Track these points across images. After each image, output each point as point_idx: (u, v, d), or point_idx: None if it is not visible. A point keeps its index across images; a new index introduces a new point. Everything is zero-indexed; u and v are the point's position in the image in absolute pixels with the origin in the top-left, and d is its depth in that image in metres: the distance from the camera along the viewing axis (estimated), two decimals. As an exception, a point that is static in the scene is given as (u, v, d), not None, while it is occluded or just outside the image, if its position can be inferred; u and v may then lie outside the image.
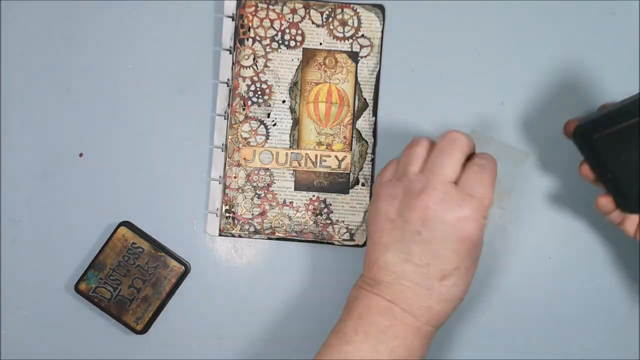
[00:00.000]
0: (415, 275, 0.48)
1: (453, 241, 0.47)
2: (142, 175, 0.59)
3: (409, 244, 0.48)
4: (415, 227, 0.47)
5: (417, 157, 0.49)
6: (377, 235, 0.49)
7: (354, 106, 0.58)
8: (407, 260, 0.48)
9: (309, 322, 0.59)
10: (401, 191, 0.49)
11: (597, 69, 0.58)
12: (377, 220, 0.49)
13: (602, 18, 0.58)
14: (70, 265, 0.58)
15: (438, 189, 0.47)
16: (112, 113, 0.59)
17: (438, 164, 0.48)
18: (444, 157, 0.48)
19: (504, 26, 0.58)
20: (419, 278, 0.48)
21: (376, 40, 0.58)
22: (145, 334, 0.58)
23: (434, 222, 0.47)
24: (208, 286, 0.59)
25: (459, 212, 0.47)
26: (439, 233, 0.47)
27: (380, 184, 0.51)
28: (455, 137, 0.49)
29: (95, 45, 0.59)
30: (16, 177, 0.59)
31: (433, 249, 0.47)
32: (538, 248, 0.58)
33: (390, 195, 0.49)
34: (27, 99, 0.59)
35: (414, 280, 0.48)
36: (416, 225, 0.47)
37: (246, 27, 0.58)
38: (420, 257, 0.48)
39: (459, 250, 0.47)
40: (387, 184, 0.50)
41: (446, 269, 0.47)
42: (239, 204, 0.58)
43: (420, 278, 0.48)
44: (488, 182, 0.48)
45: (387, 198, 0.49)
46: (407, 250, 0.48)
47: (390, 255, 0.48)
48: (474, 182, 0.48)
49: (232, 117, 0.58)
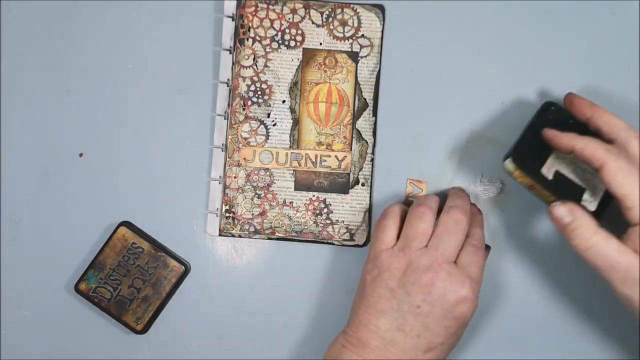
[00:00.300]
0: (404, 344, 0.50)
1: (448, 318, 0.50)
2: (142, 175, 0.59)
3: (405, 314, 0.50)
4: (416, 300, 0.50)
5: (422, 233, 0.52)
6: (373, 299, 0.51)
7: (354, 106, 0.58)
8: (399, 329, 0.50)
9: (309, 322, 0.59)
10: (405, 263, 0.51)
11: (597, 69, 0.58)
12: (376, 286, 0.52)
13: (602, 18, 0.58)
14: (70, 265, 0.58)
15: (443, 268, 0.50)
16: (112, 113, 0.59)
17: (444, 243, 0.51)
18: (448, 238, 0.51)
19: (504, 26, 0.58)
20: (406, 347, 0.50)
21: (376, 40, 0.58)
22: (145, 334, 0.58)
23: (436, 300, 0.50)
24: (208, 286, 0.59)
25: (460, 292, 0.50)
26: (438, 310, 0.50)
27: (381, 251, 0.53)
28: (459, 220, 0.52)
29: (95, 45, 0.59)
30: (16, 177, 0.59)
31: (427, 322, 0.50)
32: (538, 248, 0.58)
33: (393, 266, 0.51)
34: (27, 99, 0.59)
35: (401, 348, 0.50)
36: (417, 300, 0.50)
37: (246, 27, 0.58)
38: (413, 328, 0.50)
39: (450, 327, 0.50)
40: (389, 253, 0.52)
41: (433, 342, 0.50)
42: (239, 204, 0.58)
43: (408, 347, 0.50)
44: (481, 264, 0.52)
45: (389, 267, 0.52)
46: (402, 319, 0.50)
47: (384, 321, 0.51)
48: (470, 263, 0.52)
49: (232, 117, 0.58)
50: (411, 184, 0.58)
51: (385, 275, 0.51)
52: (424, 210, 0.53)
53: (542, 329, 0.58)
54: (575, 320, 0.58)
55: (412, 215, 0.53)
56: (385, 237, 0.53)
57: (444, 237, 0.51)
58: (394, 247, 0.52)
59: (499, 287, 0.58)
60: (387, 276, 0.51)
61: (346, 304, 0.57)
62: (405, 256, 0.51)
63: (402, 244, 0.52)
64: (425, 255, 0.51)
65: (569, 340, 0.58)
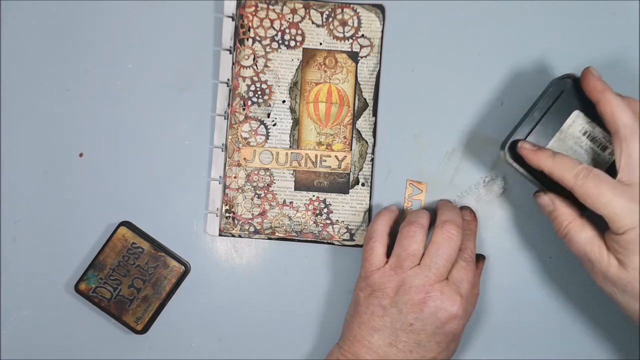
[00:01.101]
0: (396, 358, 0.51)
1: (440, 335, 0.51)
2: (142, 175, 0.59)
3: (397, 331, 0.51)
4: (408, 319, 0.51)
5: (413, 254, 0.52)
6: (367, 317, 0.52)
7: (354, 106, 0.58)
8: (392, 345, 0.51)
9: (309, 322, 0.59)
10: (397, 283, 0.52)
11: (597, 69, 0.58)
12: (370, 304, 0.53)
13: (602, 18, 0.58)
14: (70, 265, 0.59)
15: (435, 287, 0.51)
16: (112, 113, 0.59)
17: (437, 263, 0.52)
18: (441, 255, 0.52)
19: (503, 26, 0.58)
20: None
21: (376, 40, 0.58)
22: (145, 334, 0.58)
23: (427, 318, 0.51)
24: (208, 286, 0.59)
25: (451, 310, 0.51)
26: (430, 327, 0.51)
27: (372, 272, 0.53)
28: (451, 235, 0.52)
29: (95, 45, 0.59)
30: (16, 177, 0.59)
31: (420, 339, 0.51)
32: (538, 248, 0.58)
33: (386, 285, 0.52)
34: (27, 99, 0.59)
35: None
36: (409, 318, 0.51)
37: (246, 27, 0.58)
38: (405, 344, 0.51)
39: (441, 342, 0.52)
40: (381, 272, 0.53)
41: (425, 357, 0.52)
42: (239, 204, 0.58)
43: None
44: (471, 279, 0.53)
45: (380, 286, 0.52)
46: (395, 336, 0.51)
47: (377, 337, 0.52)
48: (461, 279, 0.53)
49: (232, 117, 0.58)
50: (411, 185, 0.58)
51: (378, 294, 0.52)
52: (415, 230, 0.53)
53: (542, 329, 0.58)
54: (575, 320, 0.58)
55: (403, 235, 0.53)
56: (374, 259, 0.54)
57: (436, 255, 0.52)
58: (385, 266, 0.53)
59: (499, 287, 0.58)
60: (379, 295, 0.52)
61: (346, 304, 0.57)
62: (398, 276, 0.52)
63: (394, 263, 0.53)
64: (418, 274, 0.52)
65: (569, 340, 0.58)
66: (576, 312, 0.58)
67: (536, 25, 0.58)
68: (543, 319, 0.58)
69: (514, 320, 0.58)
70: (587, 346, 0.58)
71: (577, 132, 0.52)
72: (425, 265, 0.52)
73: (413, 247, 0.52)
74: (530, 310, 0.58)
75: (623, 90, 0.57)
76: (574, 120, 0.52)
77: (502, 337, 0.58)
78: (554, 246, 0.58)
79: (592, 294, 0.58)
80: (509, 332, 0.58)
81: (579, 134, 0.52)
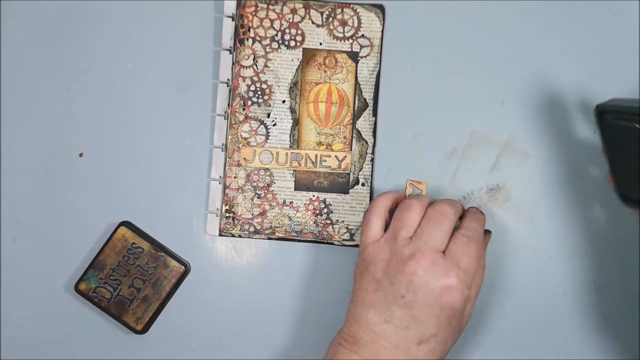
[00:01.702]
0: (394, 337, 0.50)
1: (435, 308, 0.49)
2: (142, 175, 0.59)
3: (391, 305, 0.50)
4: (400, 290, 0.50)
5: (409, 223, 0.52)
6: (361, 293, 0.52)
7: (354, 106, 0.58)
8: (387, 322, 0.50)
9: (309, 322, 0.59)
10: (389, 254, 0.51)
11: (597, 69, 0.58)
12: (363, 278, 0.52)
13: (602, 18, 0.58)
14: (70, 265, 0.59)
15: (427, 256, 0.50)
16: (112, 113, 0.59)
17: (428, 233, 0.51)
18: (433, 228, 0.51)
19: (503, 26, 0.58)
20: (397, 340, 0.50)
21: (376, 40, 0.58)
22: (145, 334, 0.58)
23: (419, 288, 0.49)
24: (208, 286, 0.59)
25: (445, 280, 0.50)
26: (423, 299, 0.49)
27: (367, 244, 0.53)
28: (444, 210, 0.52)
29: (95, 45, 0.59)
30: (16, 177, 0.59)
31: (414, 313, 0.50)
32: (538, 248, 0.58)
33: (378, 257, 0.52)
34: (27, 99, 0.59)
35: (393, 341, 0.50)
36: (401, 289, 0.50)
37: (246, 27, 0.58)
38: (401, 319, 0.50)
39: (439, 317, 0.50)
40: (376, 245, 0.52)
41: (425, 334, 0.50)
42: (239, 204, 0.58)
43: (399, 340, 0.50)
44: (474, 254, 0.51)
45: (374, 259, 0.52)
46: (389, 311, 0.50)
47: (372, 314, 0.50)
48: (460, 253, 0.51)
49: (232, 117, 0.58)
50: (411, 185, 0.58)
51: (371, 268, 0.52)
52: (412, 202, 0.53)
53: (542, 329, 0.58)
54: (575, 320, 0.58)
55: (400, 208, 0.53)
56: (370, 231, 0.53)
57: (428, 226, 0.51)
58: (380, 239, 0.53)
59: (499, 287, 0.58)
60: (372, 268, 0.51)
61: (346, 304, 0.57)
62: (390, 247, 0.51)
63: (389, 235, 0.52)
64: (409, 245, 0.51)
65: (569, 340, 0.58)
66: (576, 312, 0.58)
67: (536, 25, 0.58)
68: (543, 319, 0.58)
69: (514, 320, 0.58)
70: (587, 346, 0.58)
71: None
72: (417, 236, 0.51)
73: (409, 217, 0.52)
74: (531, 310, 0.58)
75: (623, 91, 0.57)
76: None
77: (502, 337, 0.58)
78: (554, 246, 0.58)
79: (592, 294, 0.58)
80: (509, 332, 0.58)
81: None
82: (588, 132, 0.57)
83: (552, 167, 0.58)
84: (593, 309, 0.58)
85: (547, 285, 0.58)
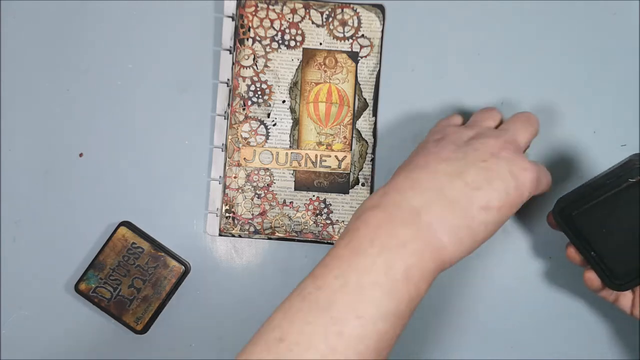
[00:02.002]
0: (460, 193, 0.44)
1: (510, 180, 0.45)
2: (142, 175, 0.59)
3: (469, 164, 0.46)
4: (483, 156, 0.46)
5: (492, 117, 0.52)
6: (436, 149, 0.47)
7: (354, 106, 0.58)
8: (459, 176, 0.45)
9: (309, 322, 0.59)
10: (474, 134, 0.49)
11: (597, 69, 0.58)
12: (440, 145, 0.48)
13: (602, 18, 0.58)
14: (70, 265, 0.59)
15: (510, 147, 0.47)
16: (112, 113, 0.59)
17: (514, 129, 0.50)
18: (520, 126, 0.50)
19: (503, 26, 0.58)
20: (462, 197, 0.44)
21: (376, 40, 0.58)
22: (145, 334, 0.58)
23: (500, 161, 0.46)
24: (208, 286, 0.59)
25: (524, 165, 0.46)
26: (503, 169, 0.46)
27: (448, 126, 0.51)
28: (531, 118, 0.51)
29: (95, 45, 0.59)
30: (16, 177, 0.59)
31: (491, 176, 0.45)
32: (538, 248, 0.58)
33: (461, 132, 0.49)
34: (27, 99, 0.59)
35: (456, 197, 0.44)
36: (484, 155, 0.46)
37: (246, 27, 0.58)
38: (474, 178, 0.45)
39: (510, 193, 0.45)
40: (457, 128, 0.50)
41: (491, 202, 0.45)
42: (239, 204, 0.58)
43: (464, 198, 0.44)
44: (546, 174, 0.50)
45: (457, 132, 0.49)
46: (465, 168, 0.45)
47: (445, 165, 0.46)
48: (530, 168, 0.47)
49: (232, 117, 0.58)
50: (411, 184, 0.58)
51: (452, 138, 0.48)
52: (493, 110, 0.53)
53: (542, 329, 0.58)
54: (575, 320, 0.58)
55: (480, 112, 0.53)
56: (452, 120, 0.53)
57: (515, 124, 0.50)
58: (461, 126, 0.51)
59: (499, 287, 0.58)
60: (454, 138, 0.48)
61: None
62: (474, 129, 0.49)
63: (471, 123, 0.51)
64: (494, 132, 0.49)
65: (569, 340, 0.58)
66: (576, 312, 0.58)
67: (536, 25, 0.58)
68: (543, 319, 0.58)
69: (514, 320, 0.58)
70: (588, 346, 0.58)
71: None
72: (503, 128, 0.50)
73: (492, 113, 0.52)
74: (531, 311, 0.58)
75: (622, 91, 0.57)
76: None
77: (502, 337, 0.58)
78: (554, 246, 0.58)
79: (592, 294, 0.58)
80: (509, 332, 0.58)
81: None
82: (587, 132, 0.58)
83: (551, 166, 0.58)
84: (593, 309, 0.58)
85: (547, 285, 0.58)
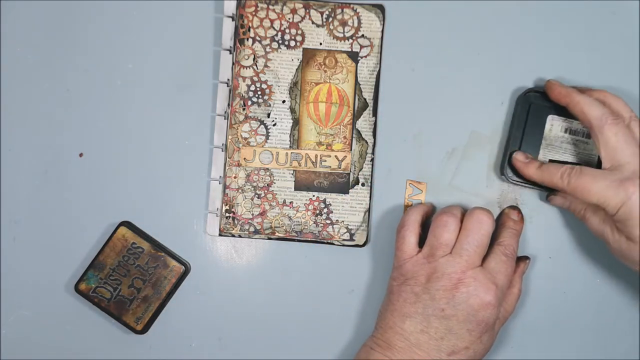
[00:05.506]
0: (428, 346, 0.52)
1: (471, 322, 0.51)
2: (142, 175, 0.59)
3: (429, 317, 0.52)
4: (440, 304, 0.51)
5: (445, 243, 0.53)
6: (399, 304, 0.53)
7: (354, 106, 0.58)
8: (423, 332, 0.52)
9: (309, 322, 0.59)
10: (430, 271, 0.52)
11: (597, 69, 0.58)
12: (402, 291, 0.53)
13: (602, 18, 0.58)
14: (70, 265, 0.59)
15: (468, 274, 0.52)
16: (112, 113, 0.59)
17: (467, 248, 0.52)
18: (471, 242, 0.52)
19: (504, 26, 0.58)
20: (430, 349, 0.52)
21: (376, 40, 0.58)
22: (145, 334, 0.58)
23: (459, 304, 0.51)
24: (208, 286, 0.59)
25: (484, 297, 0.51)
26: (461, 313, 0.51)
27: (404, 260, 0.54)
28: (481, 219, 0.53)
29: (95, 45, 0.59)
30: (16, 177, 0.59)
31: (451, 325, 0.51)
32: (538, 248, 0.58)
33: (418, 273, 0.53)
34: (27, 99, 0.59)
35: (426, 350, 0.52)
36: (441, 303, 0.51)
37: (246, 27, 0.58)
38: (437, 330, 0.52)
39: (473, 331, 0.51)
40: (414, 261, 0.53)
41: (457, 346, 0.51)
42: (239, 204, 0.58)
43: (432, 350, 0.52)
44: (509, 274, 0.53)
45: (413, 274, 0.53)
46: (427, 322, 0.52)
47: (409, 323, 0.52)
48: (498, 271, 0.52)
49: (232, 117, 0.58)
50: (411, 185, 0.58)
51: (411, 282, 0.53)
52: (447, 219, 0.53)
53: (542, 328, 0.58)
54: (575, 320, 0.58)
55: (435, 224, 0.54)
56: (406, 248, 0.54)
57: (467, 242, 0.52)
58: (418, 255, 0.53)
59: (499, 287, 0.58)
60: (412, 282, 0.53)
61: (346, 304, 0.57)
62: (430, 264, 0.52)
63: (427, 252, 0.53)
64: (450, 262, 0.52)
65: (569, 340, 0.58)
66: (576, 312, 0.58)
67: (536, 25, 0.58)
68: (543, 319, 0.58)
69: (514, 320, 0.58)
70: (588, 346, 0.58)
71: (558, 132, 0.56)
72: (456, 252, 0.52)
73: (445, 236, 0.53)
74: (531, 310, 0.58)
75: (622, 91, 0.57)
76: (552, 124, 0.56)
77: (502, 337, 0.58)
78: (554, 246, 0.58)
79: (592, 294, 0.58)
80: (508, 332, 0.58)
81: (561, 133, 0.56)
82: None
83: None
84: (593, 309, 0.58)
85: (547, 285, 0.58)
